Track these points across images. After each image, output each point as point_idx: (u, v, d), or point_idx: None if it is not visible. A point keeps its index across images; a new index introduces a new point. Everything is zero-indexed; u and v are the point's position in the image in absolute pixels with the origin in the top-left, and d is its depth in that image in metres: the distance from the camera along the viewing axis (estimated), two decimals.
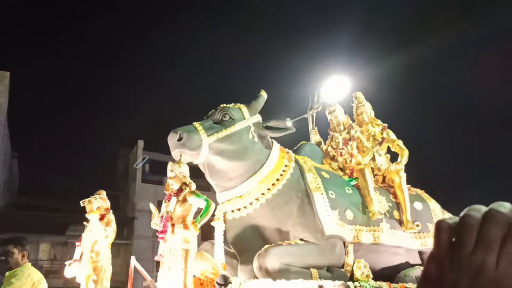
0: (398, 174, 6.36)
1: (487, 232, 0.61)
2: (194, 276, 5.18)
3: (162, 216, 6.00)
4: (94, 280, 6.93)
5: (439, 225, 0.66)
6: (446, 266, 0.64)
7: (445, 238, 0.65)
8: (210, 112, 5.65)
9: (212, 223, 5.49)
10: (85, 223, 7.52)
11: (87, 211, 7.32)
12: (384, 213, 6.02)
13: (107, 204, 7.50)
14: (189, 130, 5.28)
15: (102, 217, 7.14)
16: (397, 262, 6.03)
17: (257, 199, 5.42)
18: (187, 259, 5.70)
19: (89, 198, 7.37)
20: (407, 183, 6.75)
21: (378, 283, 5.22)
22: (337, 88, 12.11)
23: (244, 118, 5.61)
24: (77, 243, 7.55)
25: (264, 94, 5.94)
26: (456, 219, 0.65)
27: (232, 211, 5.47)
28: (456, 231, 0.64)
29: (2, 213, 26.20)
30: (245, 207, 5.43)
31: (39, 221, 27.15)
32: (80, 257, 7.28)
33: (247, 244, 5.42)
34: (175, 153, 5.27)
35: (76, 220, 18.50)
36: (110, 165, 37.97)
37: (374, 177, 6.71)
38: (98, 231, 7.08)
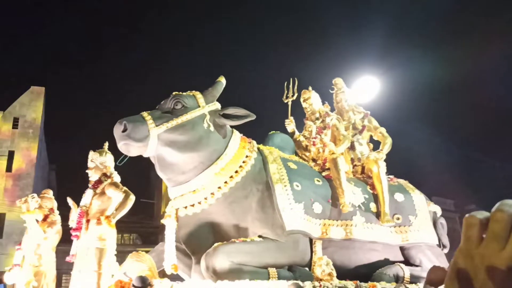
0: (377, 163, 5.82)
1: None
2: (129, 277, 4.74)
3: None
4: (34, 286, 6.43)
5: (469, 221, 0.65)
6: (476, 262, 0.63)
7: (475, 234, 0.64)
8: (163, 101, 5.22)
9: (162, 221, 5.12)
10: (25, 225, 6.94)
11: (23, 211, 6.79)
12: (359, 206, 5.50)
13: (52, 204, 7.08)
14: (135, 120, 4.88)
15: (45, 218, 6.80)
16: (374, 259, 5.50)
17: (212, 194, 4.99)
18: (101, 259, 5.17)
19: (25, 198, 6.94)
20: (391, 174, 6.23)
21: (343, 282, 4.73)
22: (366, 89, 11.85)
23: (199, 106, 5.20)
24: (17, 247, 7.10)
25: (222, 80, 5.53)
26: (486, 214, 0.65)
27: (185, 207, 5.02)
28: (488, 227, 0.63)
29: None
30: (199, 203, 4.98)
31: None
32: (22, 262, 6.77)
33: (201, 242, 4.95)
34: (120, 146, 4.92)
35: None
36: (144, 174, 38.23)
37: (353, 167, 6.21)
38: (35, 232, 6.57)
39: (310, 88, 6.46)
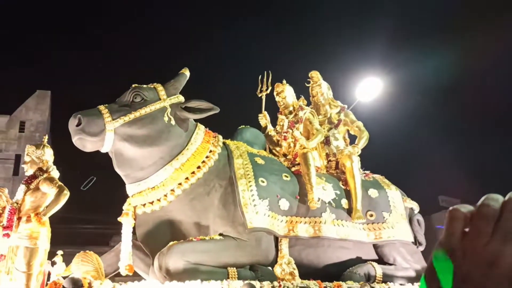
0: (350, 158, 5.58)
1: (506, 222, 0.60)
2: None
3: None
4: None
5: (453, 214, 0.64)
6: (457, 256, 0.62)
7: (458, 228, 0.63)
8: (123, 94, 5.00)
9: (119, 219, 4.93)
10: None
11: None
12: (329, 202, 5.27)
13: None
14: (90, 114, 4.69)
15: None
16: (345, 257, 5.27)
17: (172, 191, 4.78)
18: (31, 259, 4.89)
19: None
20: (368, 169, 6.00)
21: (306, 282, 4.50)
22: (370, 90, 11.90)
23: (160, 99, 5.00)
24: None
25: (186, 72, 5.33)
26: (470, 207, 0.64)
27: (143, 204, 4.82)
28: (472, 221, 0.63)
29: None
30: (158, 200, 4.77)
31: (84, 233, 27.55)
32: None
33: (160, 242, 4.69)
34: (75, 141, 4.72)
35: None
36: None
37: (328, 162, 5.99)
38: None
39: (284, 81, 6.24)
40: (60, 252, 4.92)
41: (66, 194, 5.11)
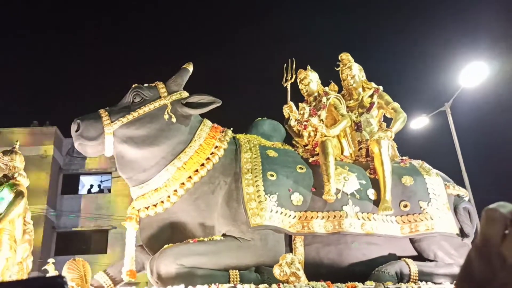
0: (378, 144, 4.93)
1: None
2: None
3: None
4: None
5: (490, 215, 0.58)
6: (495, 264, 0.56)
7: (497, 230, 0.57)
8: (125, 96, 4.86)
9: (123, 223, 4.75)
10: None
11: None
12: (352, 194, 4.68)
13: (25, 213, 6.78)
14: (88, 118, 4.60)
15: None
16: (375, 255, 4.65)
17: (175, 191, 4.51)
18: None
19: None
20: (405, 155, 5.31)
21: (313, 283, 3.97)
22: (475, 75, 11.72)
23: (160, 97, 4.79)
24: None
25: (189, 67, 5.08)
26: (510, 207, 0.57)
27: (147, 207, 4.59)
28: None
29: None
30: (162, 202, 4.52)
31: None
32: None
33: (164, 245, 4.37)
34: (76, 146, 4.65)
35: None
36: None
37: (359, 150, 5.38)
38: None
39: (308, 67, 5.76)
40: (51, 260, 4.84)
41: (22, 198, 5.00)
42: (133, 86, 4.85)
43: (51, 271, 4.58)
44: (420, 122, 14.89)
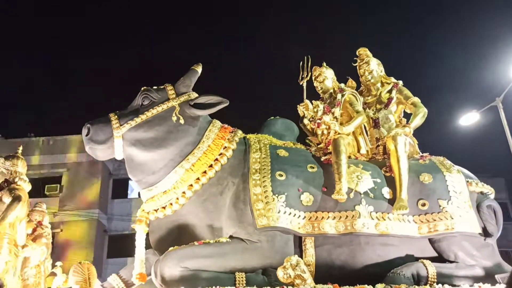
0: (394, 140, 4.72)
1: None
2: None
3: None
4: None
5: None
6: None
7: None
8: (134, 99, 4.90)
9: (132, 226, 4.75)
10: None
11: None
12: (365, 192, 4.50)
13: (42, 217, 6.51)
14: (98, 121, 4.68)
15: (33, 231, 6.46)
16: (391, 256, 4.45)
17: (183, 193, 4.47)
18: None
19: None
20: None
21: (319, 286, 3.82)
22: None
23: (169, 99, 4.78)
24: None
25: (197, 68, 5.04)
26: None
27: (156, 210, 4.57)
28: None
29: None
30: (170, 204, 4.49)
31: None
32: None
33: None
34: (87, 150, 4.73)
35: None
36: None
37: (376, 148, 5.17)
38: None
39: (324, 64, 5.59)
40: (59, 264, 4.88)
41: (19, 203, 4.99)
42: (142, 88, 4.87)
43: (59, 274, 4.65)
44: (471, 118, 14.34)
